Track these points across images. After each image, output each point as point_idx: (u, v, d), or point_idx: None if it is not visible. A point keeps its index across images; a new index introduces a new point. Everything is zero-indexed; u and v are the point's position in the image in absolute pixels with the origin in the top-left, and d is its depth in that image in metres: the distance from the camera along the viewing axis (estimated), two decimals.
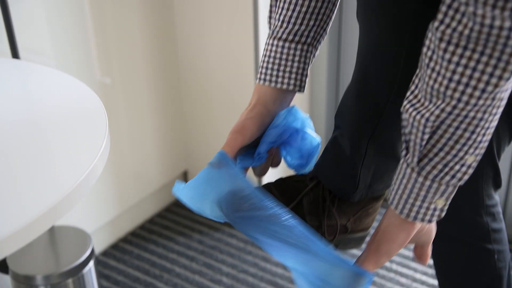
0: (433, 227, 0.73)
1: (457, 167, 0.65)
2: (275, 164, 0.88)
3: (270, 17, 0.83)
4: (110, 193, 1.59)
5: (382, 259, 0.71)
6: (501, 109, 0.63)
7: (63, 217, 1.44)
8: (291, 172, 1.82)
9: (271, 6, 0.82)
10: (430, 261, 1.56)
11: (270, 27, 0.82)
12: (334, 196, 0.83)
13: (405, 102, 0.66)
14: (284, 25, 0.79)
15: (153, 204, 1.78)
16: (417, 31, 0.69)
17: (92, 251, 1.29)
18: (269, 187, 0.87)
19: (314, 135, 0.84)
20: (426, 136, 0.64)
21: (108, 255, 1.63)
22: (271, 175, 1.14)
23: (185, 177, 1.85)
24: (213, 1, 1.55)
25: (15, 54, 1.20)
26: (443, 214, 0.69)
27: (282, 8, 0.79)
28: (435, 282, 1.50)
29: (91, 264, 1.28)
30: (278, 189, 0.87)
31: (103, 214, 1.60)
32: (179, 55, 1.66)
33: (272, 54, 0.80)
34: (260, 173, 0.87)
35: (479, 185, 1.00)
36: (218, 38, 1.58)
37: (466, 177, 0.66)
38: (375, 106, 0.76)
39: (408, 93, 0.66)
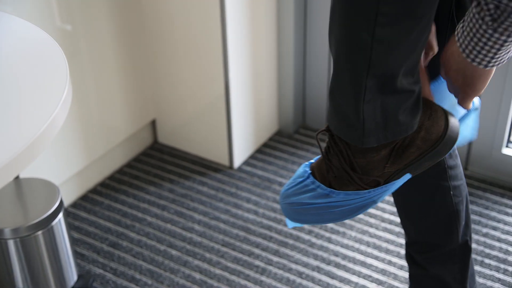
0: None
1: None
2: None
3: None
4: (77, 144, 1.57)
5: (477, 95, 0.83)
6: None
7: (31, 170, 1.42)
8: None
9: None
10: None
11: None
12: (348, 145, 0.83)
13: None
14: None
15: (122, 154, 1.76)
16: None
17: (61, 203, 1.28)
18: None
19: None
20: None
21: (78, 207, 1.62)
22: None
23: (153, 126, 1.83)
24: None
25: None
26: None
27: None
28: None
29: (60, 215, 1.27)
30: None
31: (71, 166, 1.57)
32: None
33: None
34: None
35: None
36: None
37: None
38: (364, 33, 0.72)
39: None
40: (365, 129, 0.79)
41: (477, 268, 1.41)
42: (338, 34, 0.76)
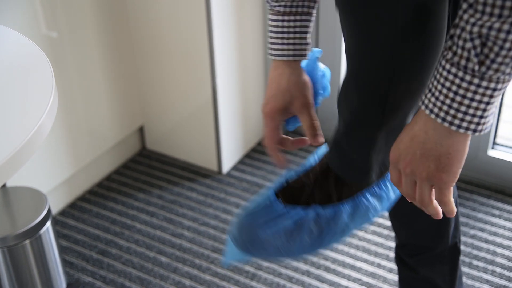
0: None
1: None
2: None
3: None
4: (65, 152, 1.56)
5: (455, 180, 0.68)
6: None
7: (18, 178, 1.41)
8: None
9: None
10: None
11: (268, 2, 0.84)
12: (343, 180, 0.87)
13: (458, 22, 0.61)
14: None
15: (110, 161, 1.75)
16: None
17: (49, 211, 1.27)
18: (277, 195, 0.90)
19: (322, 66, 0.89)
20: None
21: (66, 215, 1.61)
22: None
23: (141, 132, 1.83)
24: None
25: None
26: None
27: None
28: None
29: (48, 224, 1.26)
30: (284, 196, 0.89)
31: (58, 173, 1.57)
32: (130, 5, 1.61)
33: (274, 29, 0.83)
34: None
35: None
36: None
37: None
38: (378, 95, 0.77)
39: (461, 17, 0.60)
40: (370, 170, 0.85)
41: (465, 269, 1.42)
42: (354, 106, 0.81)
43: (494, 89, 0.60)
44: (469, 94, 0.60)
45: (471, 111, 0.61)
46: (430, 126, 0.64)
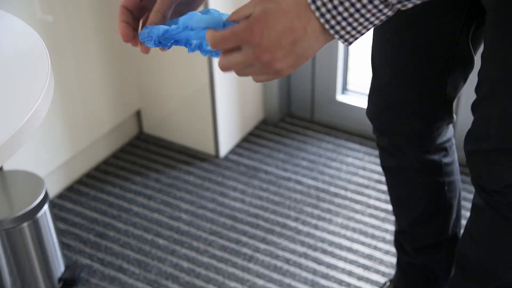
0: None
1: None
2: None
3: None
4: (62, 136, 1.56)
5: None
6: None
7: (15, 162, 1.41)
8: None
9: None
10: (382, 186, 1.60)
11: None
12: None
13: None
14: None
15: (107, 145, 1.75)
16: None
17: (46, 194, 1.28)
18: None
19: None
20: None
21: (63, 198, 1.62)
22: None
23: (138, 116, 1.83)
24: None
25: None
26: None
27: None
28: (388, 206, 1.55)
29: (46, 207, 1.27)
30: None
31: (56, 157, 1.57)
32: None
33: None
34: None
35: (431, 126, 1.02)
36: None
37: None
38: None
39: None
40: None
41: None
42: None
43: (382, 13, 0.58)
44: (358, 5, 0.57)
45: (351, 20, 0.58)
46: (313, 27, 0.59)
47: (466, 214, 1.52)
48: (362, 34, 0.61)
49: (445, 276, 1.20)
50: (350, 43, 0.61)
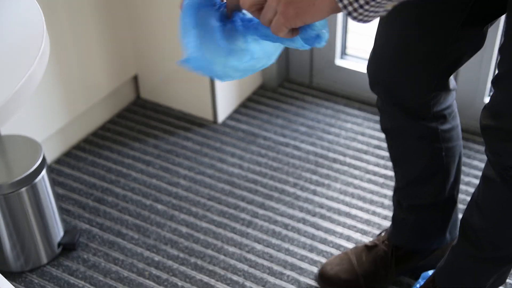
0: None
1: None
2: None
3: None
4: (59, 101, 1.55)
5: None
6: None
7: (12, 127, 1.40)
8: None
9: None
10: (381, 152, 1.60)
11: None
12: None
13: None
14: None
15: (105, 110, 1.74)
16: None
17: (44, 159, 1.27)
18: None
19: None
20: None
21: (61, 163, 1.61)
22: None
23: (135, 82, 1.81)
24: None
25: None
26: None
27: None
28: (386, 172, 1.55)
29: (44, 172, 1.27)
30: None
31: (53, 123, 1.56)
32: None
33: None
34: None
35: (426, 95, 1.02)
36: None
37: None
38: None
39: None
40: None
41: None
42: None
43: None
44: None
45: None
46: None
47: (464, 178, 1.52)
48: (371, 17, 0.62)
49: (438, 235, 1.22)
50: (360, 21, 0.62)
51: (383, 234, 1.30)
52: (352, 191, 1.51)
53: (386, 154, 1.58)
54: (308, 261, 1.35)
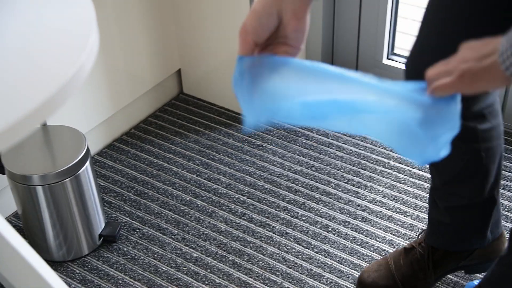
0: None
1: None
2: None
3: None
4: (104, 93, 1.56)
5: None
6: None
7: (57, 118, 1.42)
8: None
9: None
10: None
11: None
12: None
13: None
14: None
15: (148, 104, 1.75)
16: None
17: (88, 151, 1.28)
18: None
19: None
20: None
21: (104, 155, 1.63)
22: None
23: (179, 76, 1.81)
24: None
25: None
26: None
27: None
28: None
29: (87, 163, 1.27)
30: None
31: (97, 115, 1.57)
32: None
33: None
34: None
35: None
36: None
37: None
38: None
39: None
40: None
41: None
42: None
43: None
44: None
45: None
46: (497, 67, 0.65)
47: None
48: None
49: (478, 235, 1.18)
50: None
51: (420, 236, 1.26)
52: (396, 195, 1.47)
53: None
54: (348, 264, 1.32)
